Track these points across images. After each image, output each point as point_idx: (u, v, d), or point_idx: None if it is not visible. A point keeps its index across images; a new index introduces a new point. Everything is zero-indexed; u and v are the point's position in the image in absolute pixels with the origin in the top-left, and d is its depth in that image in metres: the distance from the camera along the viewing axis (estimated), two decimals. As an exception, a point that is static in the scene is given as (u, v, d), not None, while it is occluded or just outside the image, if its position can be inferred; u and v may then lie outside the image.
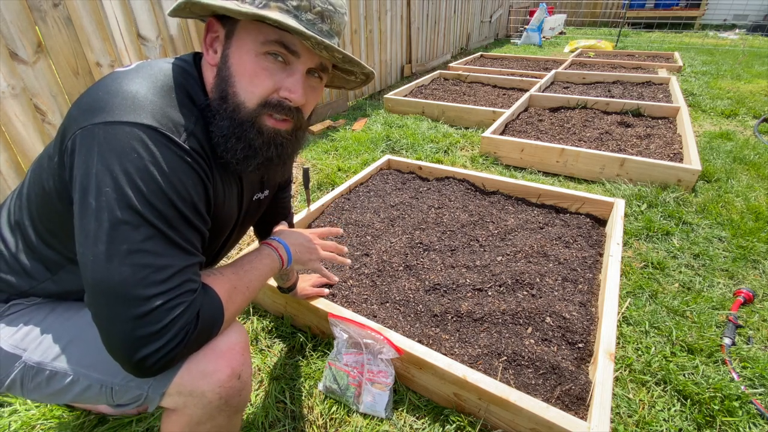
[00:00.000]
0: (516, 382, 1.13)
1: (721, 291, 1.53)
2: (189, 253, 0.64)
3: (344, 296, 1.44)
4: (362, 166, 2.59)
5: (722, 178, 2.33)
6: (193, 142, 0.65)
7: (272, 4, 0.64)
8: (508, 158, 2.65)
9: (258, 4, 0.63)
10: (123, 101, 0.61)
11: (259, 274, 0.81)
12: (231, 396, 0.70)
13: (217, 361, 0.68)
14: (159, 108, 0.63)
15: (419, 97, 3.94)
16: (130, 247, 0.57)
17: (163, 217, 0.60)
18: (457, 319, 1.33)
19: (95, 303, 0.59)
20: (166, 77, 0.67)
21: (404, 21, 4.75)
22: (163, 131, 0.61)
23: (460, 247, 1.69)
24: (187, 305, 0.61)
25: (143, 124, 0.60)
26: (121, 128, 0.59)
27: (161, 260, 0.59)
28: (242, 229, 0.97)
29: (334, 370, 1.14)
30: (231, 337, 0.71)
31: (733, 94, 3.99)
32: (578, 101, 3.45)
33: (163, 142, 0.61)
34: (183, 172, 0.63)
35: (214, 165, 0.71)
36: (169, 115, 0.63)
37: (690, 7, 9.67)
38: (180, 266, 0.61)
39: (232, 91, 0.67)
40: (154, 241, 0.59)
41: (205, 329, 0.65)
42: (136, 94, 0.62)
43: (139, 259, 0.58)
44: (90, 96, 0.63)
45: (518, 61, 5.84)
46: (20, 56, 1.70)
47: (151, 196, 0.59)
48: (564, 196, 1.92)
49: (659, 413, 1.10)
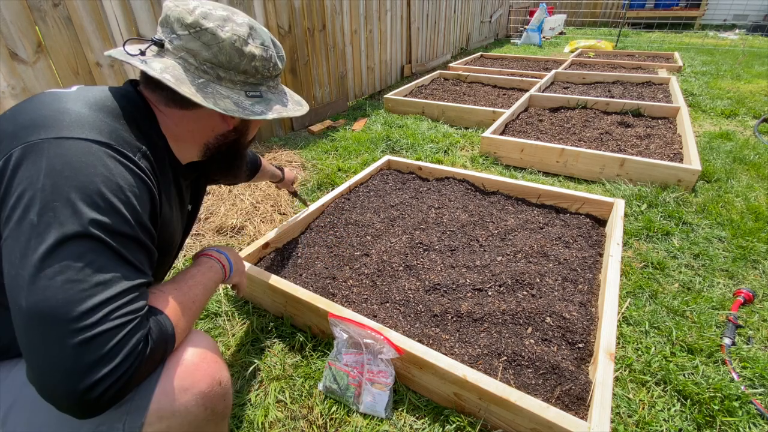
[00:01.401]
0: (516, 382, 1.13)
1: (721, 291, 1.53)
2: (138, 271, 0.61)
3: (344, 296, 1.44)
4: (362, 166, 2.59)
5: (722, 178, 2.33)
6: (144, 161, 0.67)
7: (277, 82, 0.88)
8: (508, 158, 2.65)
9: (273, 86, 0.86)
10: (75, 119, 0.60)
11: (204, 288, 0.79)
12: (216, 404, 0.68)
13: (194, 373, 0.66)
14: (110, 128, 0.63)
15: (419, 97, 3.94)
16: (77, 265, 0.53)
17: (114, 234, 0.57)
18: (457, 319, 1.33)
19: (29, 332, 0.52)
20: (110, 104, 0.69)
21: (404, 21, 4.75)
22: (118, 148, 0.61)
23: (460, 247, 1.69)
24: (136, 326, 0.57)
25: (97, 141, 0.60)
26: (74, 143, 0.57)
27: (109, 279, 0.56)
28: (180, 247, 0.98)
29: (334, 370, 1.14)
30: (199, 346, 0.69)
31: (733, 94, 4.00)
32: (578, 101, 3.45)
33: (118, 158, 0.61)
34: (137, 188, 0.63)
35: (163, 183, 0.74)
36: (120, 135, 0.64)
37: (690, 7, 9.67)
38: (128, 285, 0.58)
39: (245, 141, 0.90)
40: (103, 258, 0.56)
41: (157, 351, 0.61)
42: (87, 114, 0.62)
43: (86, 277, 0.53)
44: (31, 113, 0.61)
45: (518, 61, 5.84)
46: (20, 56, 1.70)
47: (104, 213, 0.56)
48: (564, 196, 1.92)
49: (659, 413, 1.10)
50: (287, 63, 3.16)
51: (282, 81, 2.88)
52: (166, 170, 0.76)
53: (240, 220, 1.99)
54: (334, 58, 3.65)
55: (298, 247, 1.72)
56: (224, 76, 0.74)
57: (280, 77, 0.90)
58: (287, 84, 3.19)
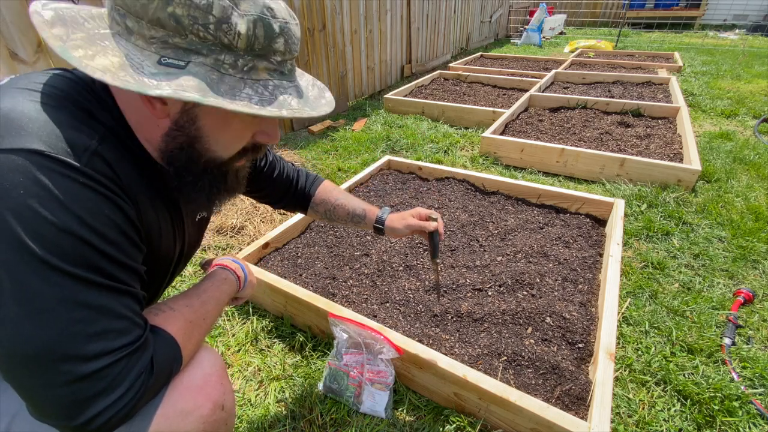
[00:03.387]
0: (516, 382, 1.13)
1: (721, 291, 1.53)
2: (122, 293, 0.53)
3: (344, 296, 1.44)
4: (362, 166, 2.59)
5: (722, 178, 2.33)
6: (98, 163, 0.51)
7: (261, 65, 0.55)
8: (508, 158, 2.65)
9: (243, 67, 0.54)
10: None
11: (216, 303, 0.73)
12: (217, 428, 0.65)
13: (196, 397, 0.62)
14: (43, 127, 0.49)
15: (419, 97, 3.94)
16: (48, 304, 0.46)
17: (78, 260, 0.48)
18: (457, 319, 1.33)
19: (15, 376, 0.48)
20: (52, 90, 0.54)
21: (404, 21, 4.75)
22: (54, 155, 0.47)
23: (460, 247, 1.69)
24: (135, 352, 0.52)
25: (23, 149, 0.46)
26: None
27: (89, 311, 0.48)
28: (188, 258, 0.85)
29: (334, 370, 1.14)
30: (205, 368, 0.65)
31: (733, 94, 4.00)
32: (578, 101, 3.45)
33: (55, 169, 0.47)
34: (90, 201, 0.50)
35: (137, 194, 0.58)
36: (58, 135, 0.49)
37: (690, 7, 9.67)
38: (115, 313, 0.51)
39: (204, 147, 0.60)
40: (73, 290, 0.48)
41: (161, 376, 0.57)
42: (11, 112, 0.48)
43: (60, 315, 0.47)
44: None
45: (518, 61, 5.84)
46: (20, 56, 1.70)
47: (55, 238, 0.47)
48: (564, 196, 1.92)
49: (659, 413, 1.10)
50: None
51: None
52: (141, 168, 0.60)
53: (240, 220, 1.99)
54: (334, 58, 3.65)
55: (298, 247, 1.72)
56: (133, 27, 0.50)
57: (283, 66, 0.58)
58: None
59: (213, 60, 0.52)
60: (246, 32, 0.51)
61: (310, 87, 0.66)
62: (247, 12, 0.51)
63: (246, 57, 0.53)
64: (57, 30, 0.50)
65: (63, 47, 0.48)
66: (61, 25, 0.50)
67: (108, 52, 0.50)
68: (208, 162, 0.62)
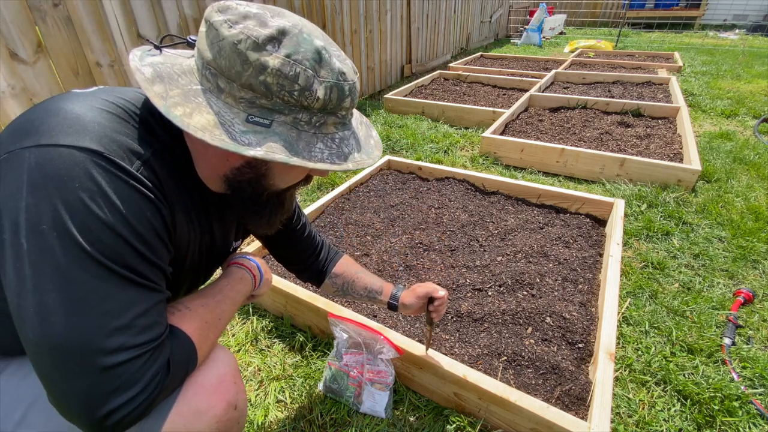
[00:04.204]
0: (516, 382, 1.13)
1: (721, 291, 1.53)
2: (151, 291, 0.56)
3: (344, 296, 1.44)
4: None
5: (722, 178, 2.33)
6: (146, 171, 0.56)
7: (330, 120, 0.62)
8: (508, 158, 2.65)
9: (316, 123, 0.60)
10: (62, 122, 0.52)
11: (232, 303, 0.75)
12: (230, 428, 0.66)
13: (210, 397, 0.63)
14: (106, 132, 0.54)
15: (419, 97, 3.94)
16: (80, 294, 0.49)
17: (116, 256, 0.52)
18: (457, 319, 1.33)
19: (41, 362, 0.49)
20: (125, 104, 0.59)
21: (404, 21, 4.75)
22: (110, 156, 0.52)
23: (460, 247, 1.69)
24: (155, 351, 0.54)
25: (84, 147, 0.51)
26: (57, 152, 0.50)
27: (118, 304, 0.51)
28: (208, 275, 0.88)
29: (334, 370, 1.14)
30: (219, 368, 0.66)
31: (733, 94, 4.00)
32: (578, 101, 3.45)
33: (109, 169, 0.52)
34: (135, 203, 0.54)
35: (176, 205, 0.63)
36: (118, 141, 0.54)
37: (690, 7, 9.67)
38: (142, 309, 0.53)
39: (270, 183, 0.67)
40: (108, 283, 0.51)
41: (177, 375, 0.59)
42: (80, 116, 0.53)
43: (92, 306, 0.49)
44: (23, 117, 0.54)
45: (518, 61, 5.84)
46: (20, 56, 1.70)
47: (99, 232, 0.50)
48: (564, 196, 1.92)
49: (659, 413, 1.10)
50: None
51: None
52: (186, 187, 0.65)
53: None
54: (334, 58, 3.65)
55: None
56: (224, 87, 0.56)
57: (347, 118, 0.65)
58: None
59: (292, 119, 0.58)
60: (323, 96, 0.58)
61: (358, 126, 0.71)
62: (325, 78, 0.58)
63: (319, 114, 0.60)
64: (157, 88, 0.56)
65: (165, 106, 0.55)
66: (160, 82, 0.57)
67: (202, 109, 0.56)
68: (270, 195, 0.69)
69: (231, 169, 0.64)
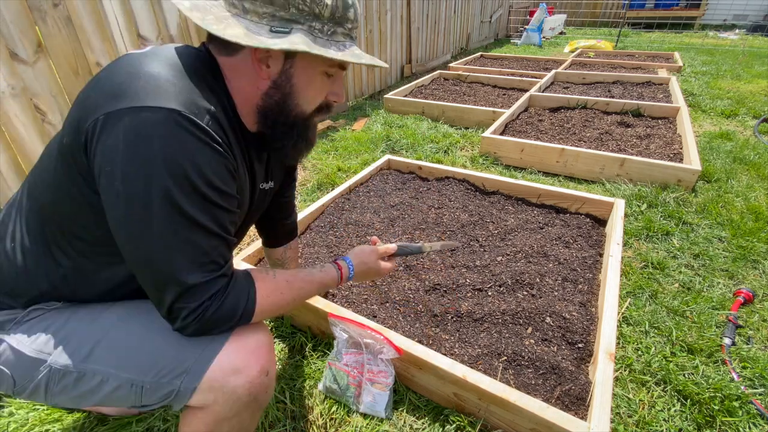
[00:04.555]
0: (516, 382, 1.13)
1: (721, 291, 1.53)
2: (223, 233, 0.68)
3: (344, 296, 1.44)
4: (362, 166, 2.59)
5: (722, 178, 2.33)
6: (215, 125, 0.67)
7: (339, 30, 0.72)
8: (508, 158, 2.65)
9: (328, 32, 0.71)
10: (146, 85, 0.62)
11: (308, 293, 0.85)
12: (259, 392, 0.73)
13: (248, 357, 0.71)
14: (181, 91, 0.64)
15: (419, 97, 3.94)
16: (169, 232, 0.62)
17: (198, 201, 0.63)
18: (457, 319, 1.33)
19: (139, 272, 0.66)
20: (185, 61, 0.70)
21: (404, 21, 4.75)
22: (188, 115, 0.62)
23: (460, 247, 1.69)
24: (222, 280, 0.67)
25: (168, 108, 0.61)
26: (147, 113, 0.60)
27: (198, 244, 0.64)
28: (251, 220, 1.00)
29: (334, 370, 1.14)
30: (259, 336, 0.75)
31: (733, 94, 4.00)
32: (578, 101, 3.45)
33: (187, 127, 0.62)
34: (209, 155, 0.65)
35: (235, 148, 0.74)
36: (192, 99, 0.64)
37: (690, 7, 9.67)
38: (213, 248, 0.66)
39: (294, 103, 0.77)
40: (192, 226, 0.63)
41: (224, 317, 0.69)
42: (159, 77, 0.64)
43: (179, 243, 0.62)
44: (110, 80, 0.64)
45: (518, 61, 5.84)
46: (20, 56, 1.70)
47: (183, 182, 0.61)
48: (564, 196, 1.92)
49: (659, 413, 1.10)
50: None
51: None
52: (236, 133, 0.75)
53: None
54: (334, 58, 3.65)
55: (298, 247, 1.72)
56: (249, 7, 0.67)
57: (352, 32, 0.76)
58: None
59: (308, 27, 0.69)
60: (331, 3, 0.69)
61: (364, 53, 0.83)
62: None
63: (329, 23, 0.71)
64: (195, 14, 0.68)
65: (205, 24, 0.66)
66: (197, 10, 0.68)
67: (233, 26, 0.67)
68: (296, 115, 0.78)
69: (261, 95, 0.75)
